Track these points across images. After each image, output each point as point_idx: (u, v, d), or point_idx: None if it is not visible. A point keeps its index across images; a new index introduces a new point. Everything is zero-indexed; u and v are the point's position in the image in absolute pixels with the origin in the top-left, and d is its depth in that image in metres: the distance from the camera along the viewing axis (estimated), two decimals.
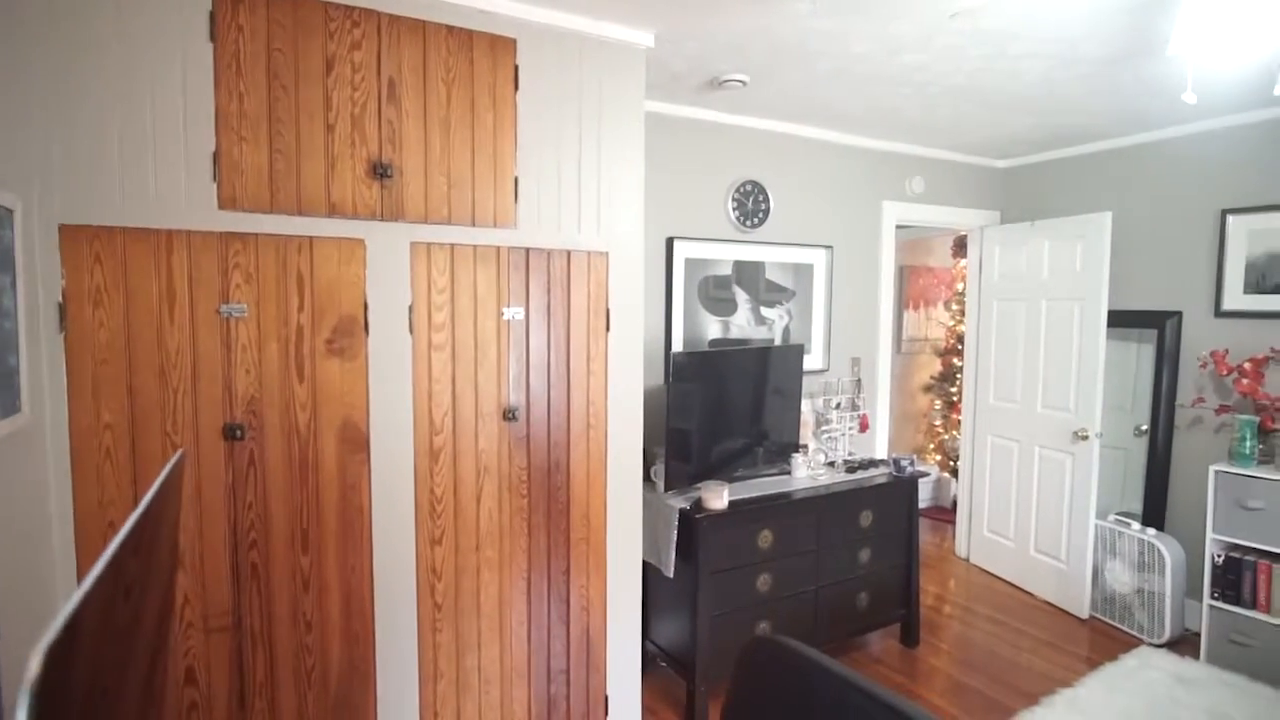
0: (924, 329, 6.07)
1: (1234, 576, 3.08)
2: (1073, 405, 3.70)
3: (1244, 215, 3.34)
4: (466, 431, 2.16)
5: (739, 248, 3.48)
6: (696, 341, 3.37)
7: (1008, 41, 2.44)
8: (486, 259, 2.16)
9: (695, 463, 2.94)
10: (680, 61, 2.69)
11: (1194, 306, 3.54)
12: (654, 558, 2.85)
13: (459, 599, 2.20)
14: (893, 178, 4.01)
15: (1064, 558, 3.76)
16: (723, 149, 3.42)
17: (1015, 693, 2.97)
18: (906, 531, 3.33)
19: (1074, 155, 4.05)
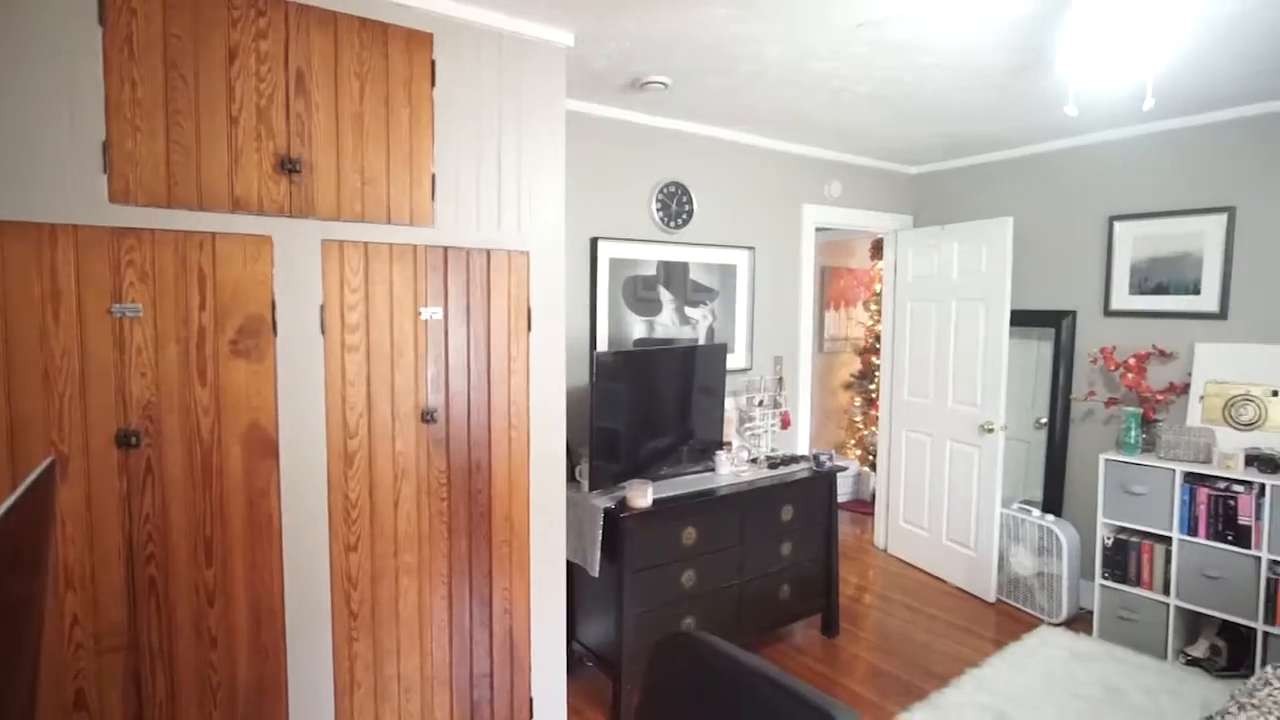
0: (845, 328, 6.28)
1: (1121, 557, 3.31)
2: (979, 400, 3.90)
3: (1129, 221, 3.60)
4: (383, 434, 2.11)
5: (663, 248, 3.51)
6: (622, 341, 3.39)
7: (914, 53, 2.55)
8: (403, 258, 2.11)
9: (620, 462, 2.95)
10: (601, 61, 2.70)
11: (1086, 306, 3.79)
12: (579, 558, 2.85)
13: (377, 606, 2.14)
14: (812, 181, 4.13)
15: (973, 545, 3.95)
16: (646, 150, 3.45)
17: (928, 675, 3.10)
18: (826, 525, 3.44)
19: (979, 163, 4.27)
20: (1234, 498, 2.95)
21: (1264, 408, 3.08)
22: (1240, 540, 2.93)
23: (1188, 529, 3.08)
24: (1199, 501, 3.04)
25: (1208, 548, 3.02)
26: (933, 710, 2.78)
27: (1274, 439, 3.04)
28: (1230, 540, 2.96)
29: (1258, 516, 2.88)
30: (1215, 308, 3.30)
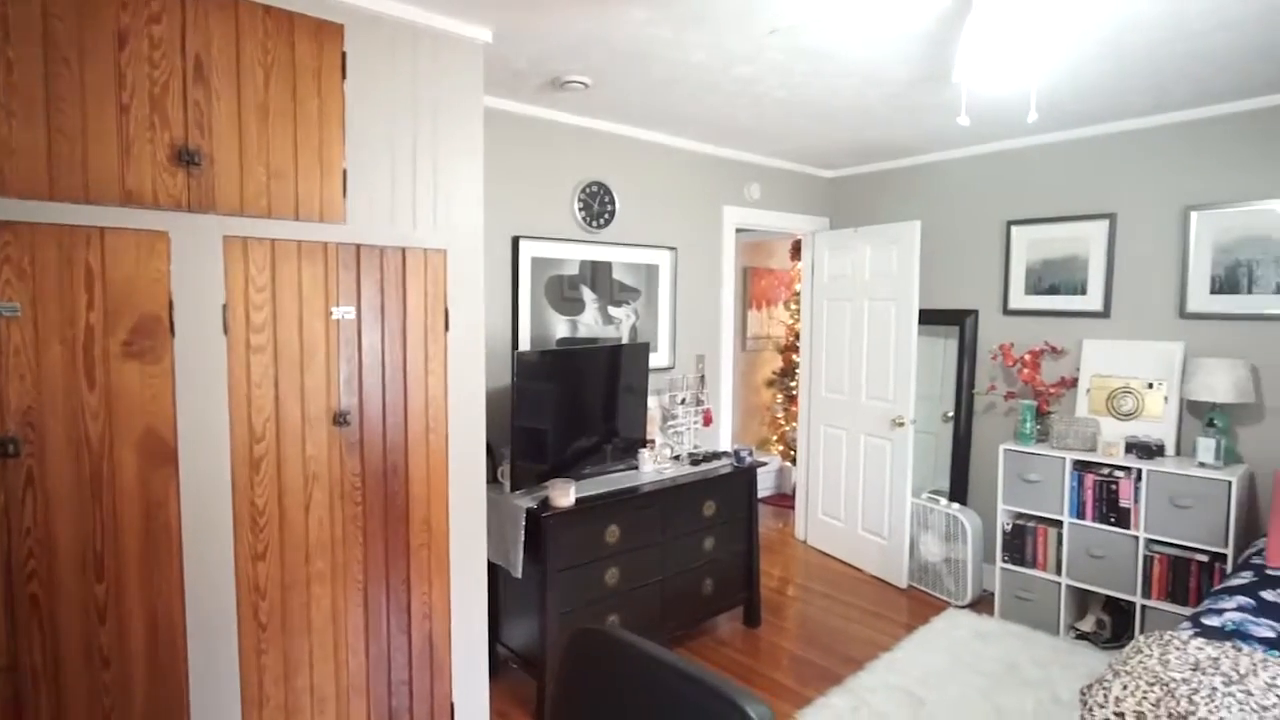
0: (767, 327, 6.44)
1: (1019, 541, 3.52)
2: (891, 395, 4.08)
3: (1024, 226, 3.84)
4: (292, 438, 2.03)
5: (586, 248, 3.52)
6: (544, 341, 3.37)
7: (824, 60, 2.65)
8: (313, 255, 2.05)
9: (544, 461, 2.94)
10: (522, 60, 2.68)
11: (987, 306, 4.02)
12: (502, 559, 2.82)
13: (287, 616, 2.06)
14: (732, 183, 4.22)
15: (886, 534, 4.13)
16: (569, 149, 3.45)
17: (845, 660, 3.22)
18: (747, 518, 3.52)
19: (890, 169, 4.46)
20: (1115, 483, 3.19)
21: (1141, 399, 3.34)
22: (1121, 522, 3.17)
23: (1076, 513, 3.31)
24: (1086, 487, 3.28)
25: (1093, 529, 3.26)
26: (848, 694, 2.89)
27: (1150, 427, 3.30)
28: (1113, 522, 3.20)
29: (1136, 499, 3.12)
30: (1100, 307, 3.56)
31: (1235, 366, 3.01)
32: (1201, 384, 3.05)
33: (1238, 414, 3.15)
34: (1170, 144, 3.33)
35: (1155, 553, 3.09)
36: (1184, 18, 2.24)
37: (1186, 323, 3.30)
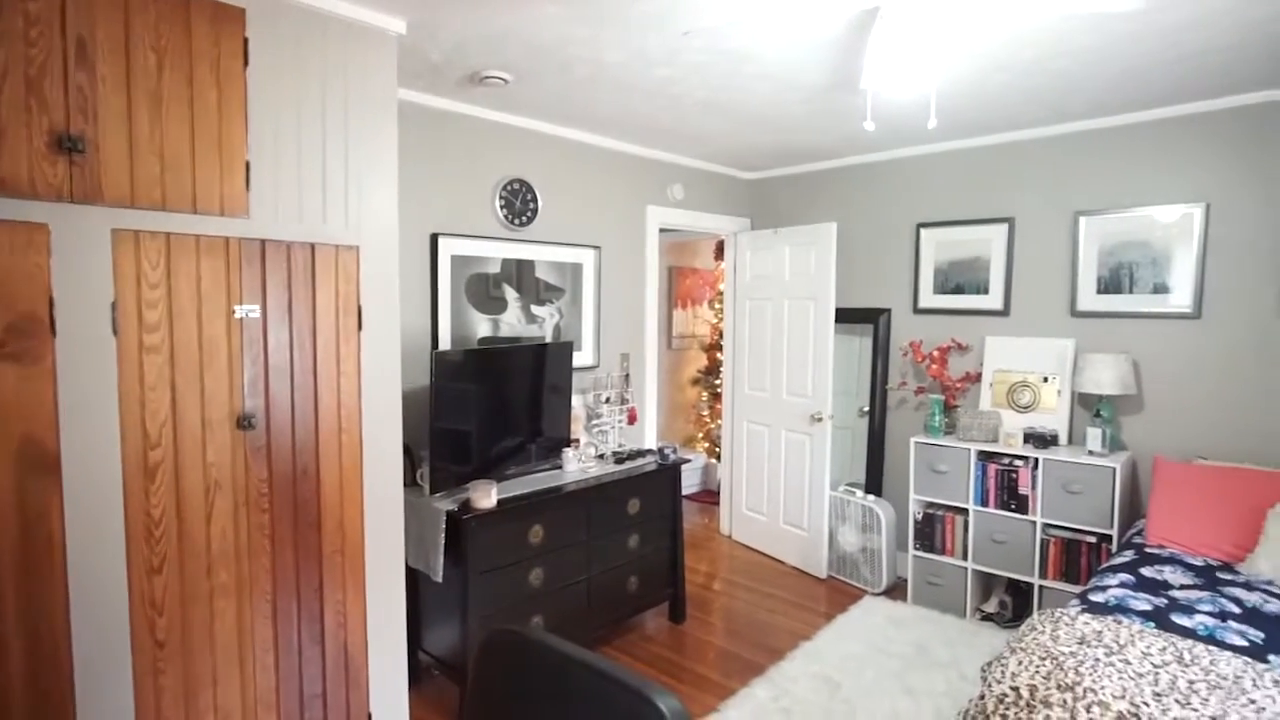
0: (692, 326, 6.52)
1: (930, 529, 3.69)
2: (810, 391, 4.20)
3: (932, 229, 4.02)
4: (191, 443, 1.93)
5: (508, 246, 3.47)
6: (466, 340, 3.31)
7: (742, 63, 2.70)
8: (213, 250, 1.94)
9: (465, 463, 2.89)
10: (438, 53, 2.63)
11: (899, 304, 4.19)
12: (422, 564, 2.76)
13: (188, 632, 1.95)
14: (655, 183, 4.25)
15: (806, 527, 4.25)
16: (490, 146, 3.40)
17: (767, 651, 3.30)
18: (671, 515, 3.56)
19: (808, 171, 4.59)
20: (1015, 471, 3.38)
21: (1038, 392, 3.56)
22: (1020, 508, 3.37)
23: (980, 500, 3.49)
24: (989, 476, 3.46)
25: (996, 516, 3.44)
26: (769, 683, 2.95)
27: (1046, 419, 3.52)
28: (1013, 509, 3.39)
29: (1033, 486, 3.32)
30: (1000, 306, 3.77)
31: (1119, 361, 3.24)
32: (1090, 378, 3.27)
33: (1122, 405, 3.39)
34: (1063, 153, 3.56)
35: (1050, 536, 3.30)
36: (1066, 36, 2.39)
37: (1077, 320, 3.54)
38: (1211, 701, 1.62)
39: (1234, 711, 1.58)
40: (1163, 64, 2.67)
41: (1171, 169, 3.25)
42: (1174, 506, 2.87)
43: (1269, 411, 3.04)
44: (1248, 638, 2.01)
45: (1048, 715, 1.67)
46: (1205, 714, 1.57)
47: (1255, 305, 3.07)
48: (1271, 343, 3.03)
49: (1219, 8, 2.17)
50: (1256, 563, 2.49)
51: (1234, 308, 3.12)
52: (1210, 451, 3.18)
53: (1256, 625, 2.09)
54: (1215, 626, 2.07)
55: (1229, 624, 2.09)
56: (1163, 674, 1.74)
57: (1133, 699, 1.64)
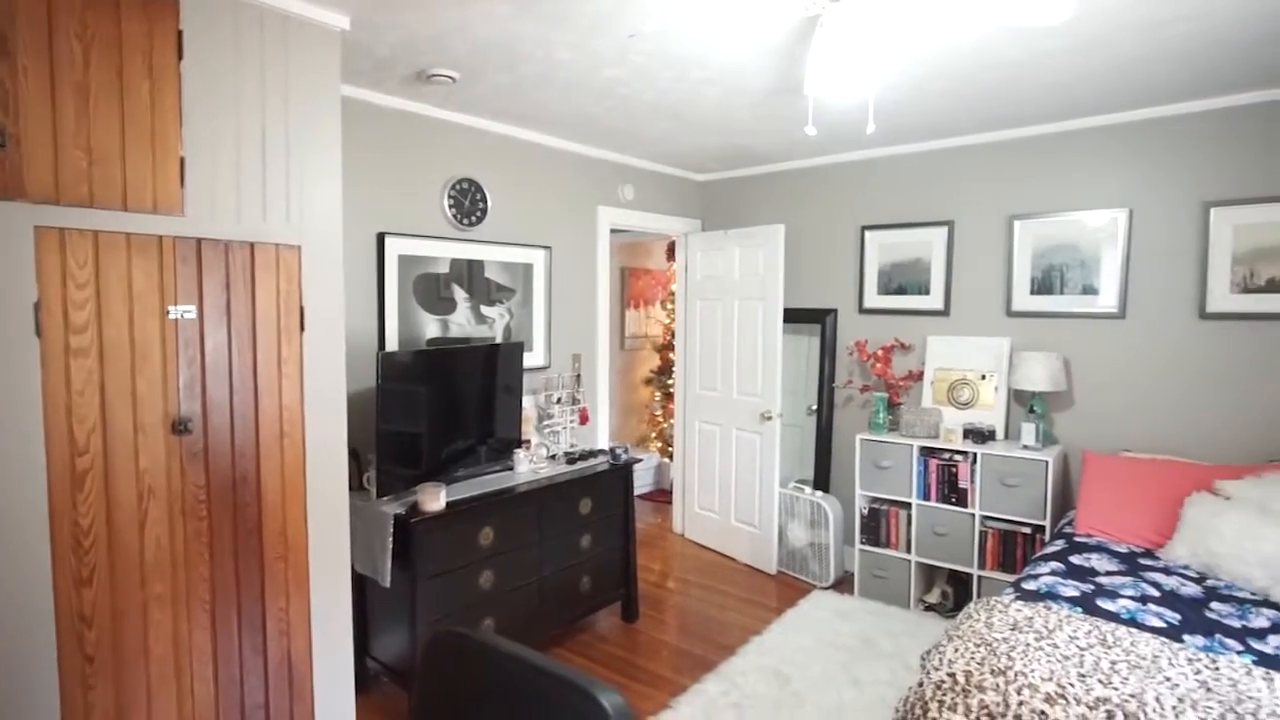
0: (644, 326, 6.55)
1: (875, 524, 3.79)
2: (760, 391, 4.27)
3: (876, 231, 4.13)
4: (123, 449, 1.86)
5: (457, 246, 3.44)
6: (414, 341, 3.27)
7: (690, 67, 2.73)
8: (145, 249, 1.88)
9: (414, 466, 2.86)
10: (384, 49, 2.59)
11: (845, 305, 4.29)
12: (369, 569, 2.71)
13: (120, 646, 1.88)
14: (606, 184, 4.26)
15: (757, 523, 4.32)
16: (438, 144, 3.36)
17: (719, 647, 3.34)
18: (623, 514, 3.57)
19: (757, 174, 4.66)
20: (955, 466, 3.50)
21: (976, 389, 3.69)
22: (960, 501, 3.49)
23: (923, 495, 3.60)
24: (930, 471, 3.57)
25: (937, 510, 3.56)
26: (720, 679, 2.99)
27: (984, 415, 3.65)
28: (953, 502, 3.51)
29: (972, 480, 3.44)
30: (941, 306, 3.90)
31: (1051, 359, 3.39)
32: (1024, 375, 3.40)
33: (1054, 401, 3.54)
34: (999, 159, 3.70)
35: (989, 528, 3.42)
36: (998, 49, 2.49)
37: (1012, 320, 3.68)
38: (1131, 680, 1.71)
39: (1151, 688, 1.67)
40: (1085, 76, 2.80)
41: (1098, 176, 3.41)
42: (1101, 497, 3.01)
43: (1187, 406, 3.22)
44: (1165, 619, 2.12)
45: (981, 699, 1.74)
46: (1125, 692, 1.66)
47: (1175, 306, 3.24)
48: (1189, 341, 3.21)
49: (1136, 24, 2.29)
50: (1175, 549, 2.63)
51: (1155, 308, 3.29)
52: (1135, 444, 3.34)
53: (1173, 608, 2.21)
54: (1136, 610, 2.18)
55: (1149, 607, 2.20)
56: (1087, 656, 1.83)
57: (1059, 680, 1.72)
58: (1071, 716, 1.64)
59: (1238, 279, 3.07)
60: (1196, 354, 3.19)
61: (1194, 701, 1.62)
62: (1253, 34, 2.37)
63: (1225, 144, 3.10)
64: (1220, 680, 1.72)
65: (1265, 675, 1.74)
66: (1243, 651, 1.94)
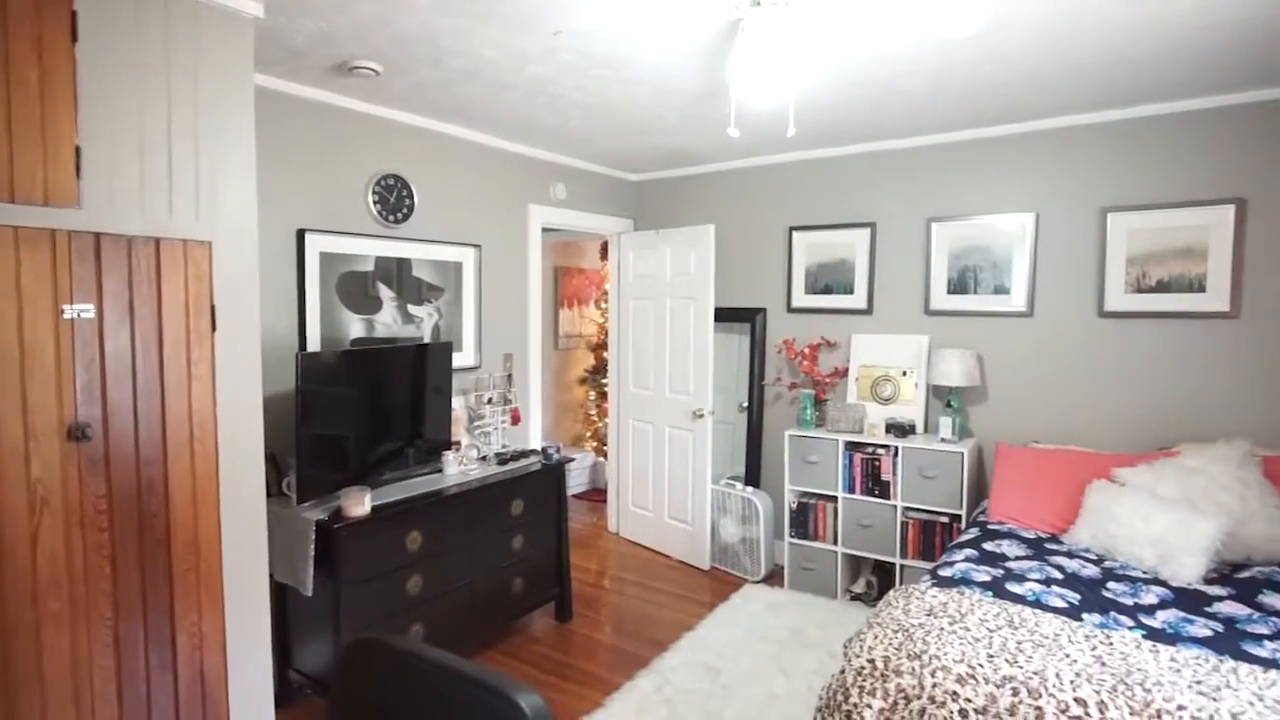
0: (579, 326, 6.53)
1: (803, 517, 3.89)
2: (692, 389, 4.32)
3: (803, 232, 4.23)
4: (11, 457, 1.73)
5: (383, 243, 3.35)
6: (337, 341, 3.17)
7: (618, 67, 2.74)
8: (35, 244, 1.76)
9: (338, 470, 2.77)
10: (301, 39, 2.50)
11: (774, 304, 4.38)
12: (290, 578, 2.61)
13: (10, 669, 1.76)
14: (538, 182, 4.23)
15: (690, 520, 4.36)
16: (362, 139, 3.26)
17: (652, 644, 3.36)
18: (556, 514, 3.55)
19: (689, 174, 4.71)
20: (878, 459, 3.62)
21: (898, 385, 3.83)
22: (883, 493, 3.61)
23: (848, 488, 3.72)
24: (855, 465, 3.69)
25: (862, 502, 3.68)
26: (653, 675, 3.02)
27: (905, 410, 3.79)
28: (877, 494, 3.63)
29: (894, 473, 3.57)
30: (864, 305, 4.03)
31: (965, 356, 3.55)
32: (941, 371, 3.55)
33: (969, 395, 3.71)
34: (918, 164, 3.85)
35: (910, 518, 3.56)
36: (917, 57, 2.59)
37: (930, 318, 3.83)
38: (1035, 658, 1.81)
39: (1052, 665, 1.77)
40: (996, 86, 2.94)
41: (1009, 181, 3.59)
42: (1012, 487, 3.18)
43: (1089, 399, 3.42)
44: (1067, 600, 2.26)
45: (899, 683, 1.81)
46: (1029, 669, 1.76)
47: (1077, 305, 3.44)
48: (1090, 338, 3.41)
49: (1042, 41, 2.42)
50: (1077, 533, 2.80)
51: (1060, 307, 3.48)
52: (1043, 436, 3.54)
53: (1074, 588, 2.35)
54: (1041, 592, 2.31)
55: (1053, 589, 2.34)
56: (995, 637, 1.93)
57: (970, 662, 1.80)
58: (980, 695, 1.72)
59: (1132, 280, 3.29)
60: (1096, 350, 3.40)
61: (1089, 675, 1.73)
62: (1148, 52, 2.54)
63: (1121, 154, 3.31)
64: (1113, 654, 1.84)
65: (1152, 648, 1.88)
66: (1134, 627, 2.08)
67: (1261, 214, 3.03)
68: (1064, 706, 1.65)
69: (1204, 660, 1.81)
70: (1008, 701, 1.70)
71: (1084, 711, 1.63)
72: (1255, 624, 2.10)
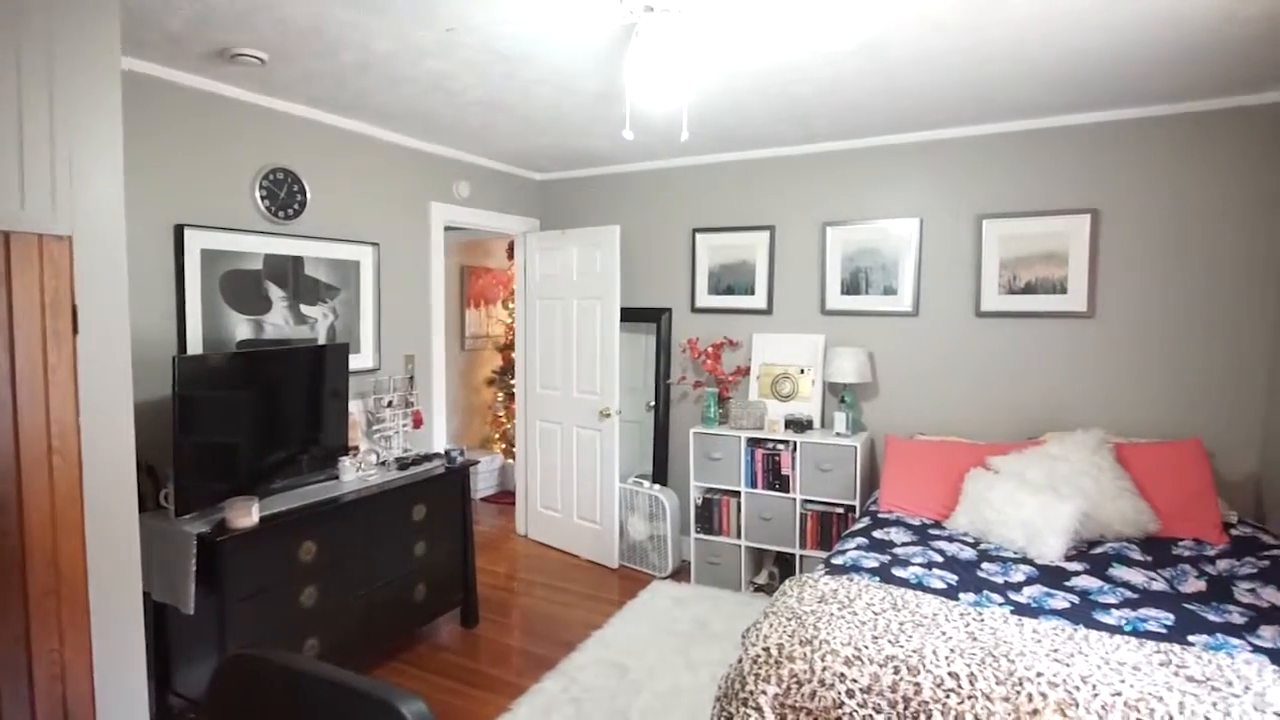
0: (486, 326, 6.43)
1: (709, 513, 3.98)
2: (599, 389, 4.33)
3: (706, 234, 4.33)
4: None
5: (273, 240, 3.19)
6: (222, 344, 2.99)
7: (519, 65, 2.72)
8: None
9: (223, 480, 2.62)
10: (177, 22, 2.35)
11: (679, 304, 4.46)
12: (169, 596, 2.46)
13: None
14: (440, 180, 4.13)
15: (598, 519, 4.38)
16: (249, 130, 3.10)
17: (560, 645, 3.35)
18: (461, 518, 3.49)
19: (595, 174, 4.73)
20: (778, 454, 3.75)
21: (796, 383, 3.98)
22: (783, 487, 3.75)
23: (750, 483, 3.83)
24: (757, 460, 3.81)
25: (764, 496, 3.80)
26: (560, 676, 3.01)
27: (803, 406, 3.94)
28: (777, 488, 3.76)
29: (793, 467, 3.71)
30: (764, 305, 4.16)
31: (858, 354, 3.73)
32: (836, 368, 3.72)
33: (862, 391, 3.90)
34: (813, 169, 4.01)
35: (808, 510, 3.71)
36: (807, 67, 2.71)
37: (826, 318, 4.01)
38: (914, 638, 1.93)
39: (929, 643, 1.89)
40: (881, 97, 3.10)
41: (896, 188, 3.80)
42: (900, 476, 3.36)
43: (969, 393, 3.67)
44: (946, 581, 2.41)
45: (791, 669, 1.88)
46: (909, 648, 1.87)
47: (957, 305, 3.68)
48: (970, 337, 3.66)
49: (920, 55, 2.57)
50: (957, 519, 2.99)
51: (942, 307, 3.72)
52: (928, 428, 3.76)
53: (953, 570, 2.52)
54: (923, 575, 2.46)
55: (934, 572, 2.50)
56: (880, 620, 2.04)
57: (856, 644, 1.90)
58: (865, 675, 1.82)
59: (1004, 282, 3.55)
60: (974, 347, 3.65)
61: (962, 650, 1.86)
62: (1010, 71, 2.74)
63: (995, 164, 3.56)
64: (984, 630, 1.98)
65: (1018, 622, 2.04)
66: (1003, 603, 2.25)
67: (1113, 223, 3.33)
68: (939, 680, 1.77)
69: (1060, 630, 1.98)
70: (890, 679, 1.80)
71: (956, 684, 1.75)
72: (1105, 595, 2.31)
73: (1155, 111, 3.21)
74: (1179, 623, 2.09)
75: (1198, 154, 3.17)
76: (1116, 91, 3.00)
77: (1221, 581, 2.39)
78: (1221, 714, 1.58)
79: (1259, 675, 1.74)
